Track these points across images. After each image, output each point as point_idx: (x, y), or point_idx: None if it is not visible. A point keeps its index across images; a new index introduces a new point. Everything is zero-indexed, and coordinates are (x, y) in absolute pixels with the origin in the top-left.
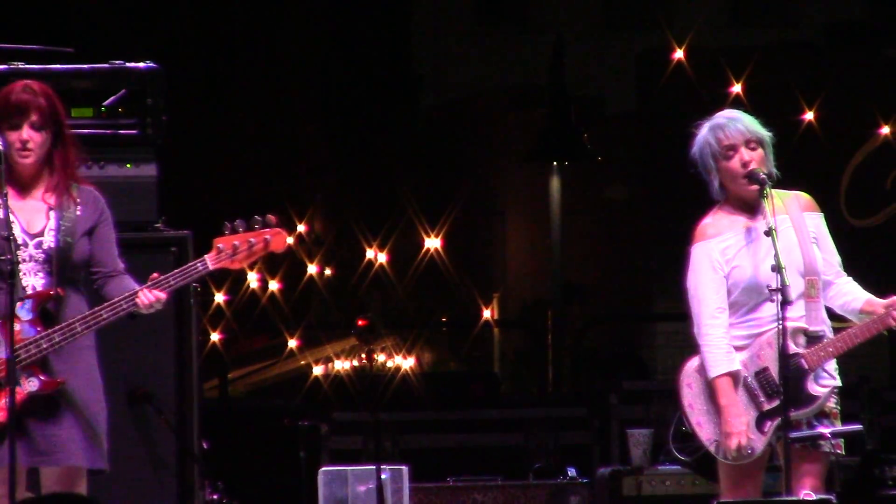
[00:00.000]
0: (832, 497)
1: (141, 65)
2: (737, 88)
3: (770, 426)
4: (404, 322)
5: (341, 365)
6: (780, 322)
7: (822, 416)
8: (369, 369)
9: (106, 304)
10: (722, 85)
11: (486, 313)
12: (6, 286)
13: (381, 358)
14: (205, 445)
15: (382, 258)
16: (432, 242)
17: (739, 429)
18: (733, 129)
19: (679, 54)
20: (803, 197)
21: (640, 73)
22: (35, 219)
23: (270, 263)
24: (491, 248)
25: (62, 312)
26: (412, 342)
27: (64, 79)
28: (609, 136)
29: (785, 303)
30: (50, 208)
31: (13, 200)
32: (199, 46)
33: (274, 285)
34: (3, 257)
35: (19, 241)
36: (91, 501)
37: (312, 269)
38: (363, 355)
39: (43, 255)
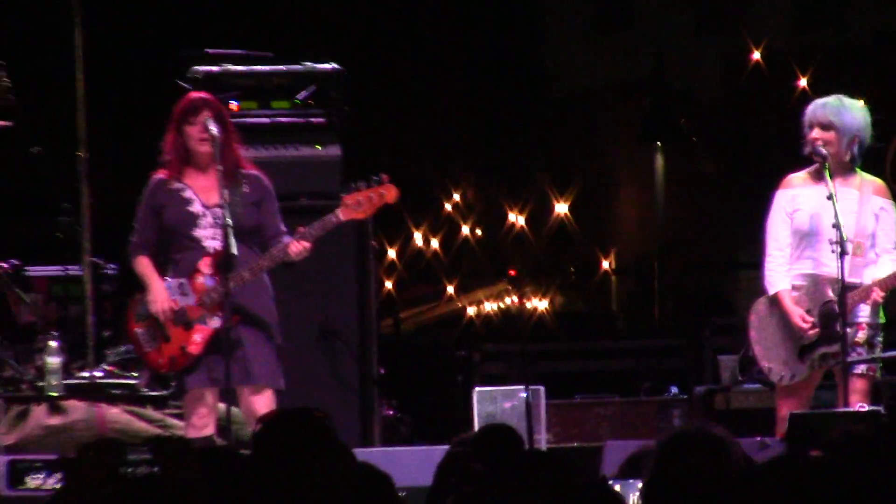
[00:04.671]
0: (881, 409)
1: (327, 66)
2: (803, 83)
3: (808, 356)
4: (540, 272)
5: (490, 307)
6: (840, 270)
7: (857, 345)
8: (518, 309)
9: (265, 254)
10: (792, 80)
11: (605, 264)
12: (194, 244)
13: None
14: (381, 371)
15: (521, 221)
16: (561, 208)
17: (801, 325)
18: (819, 111)
19: (757, 55)
20: (879, 183)
21: (725, 69)
22: (211, 194)
23: (433, 225)
24: (608, 211)
25: (237, 266)
26: (546, 288)
27: (265, 77)
28: (701, 121)
29: (843, 253)
30: (223, 186)
31: (194, 179)
32: (376, 52)
33: (435, 243)
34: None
35: (198, 213)
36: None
37: (466, 230)
38: (510, 298)
39: (218, 222)
